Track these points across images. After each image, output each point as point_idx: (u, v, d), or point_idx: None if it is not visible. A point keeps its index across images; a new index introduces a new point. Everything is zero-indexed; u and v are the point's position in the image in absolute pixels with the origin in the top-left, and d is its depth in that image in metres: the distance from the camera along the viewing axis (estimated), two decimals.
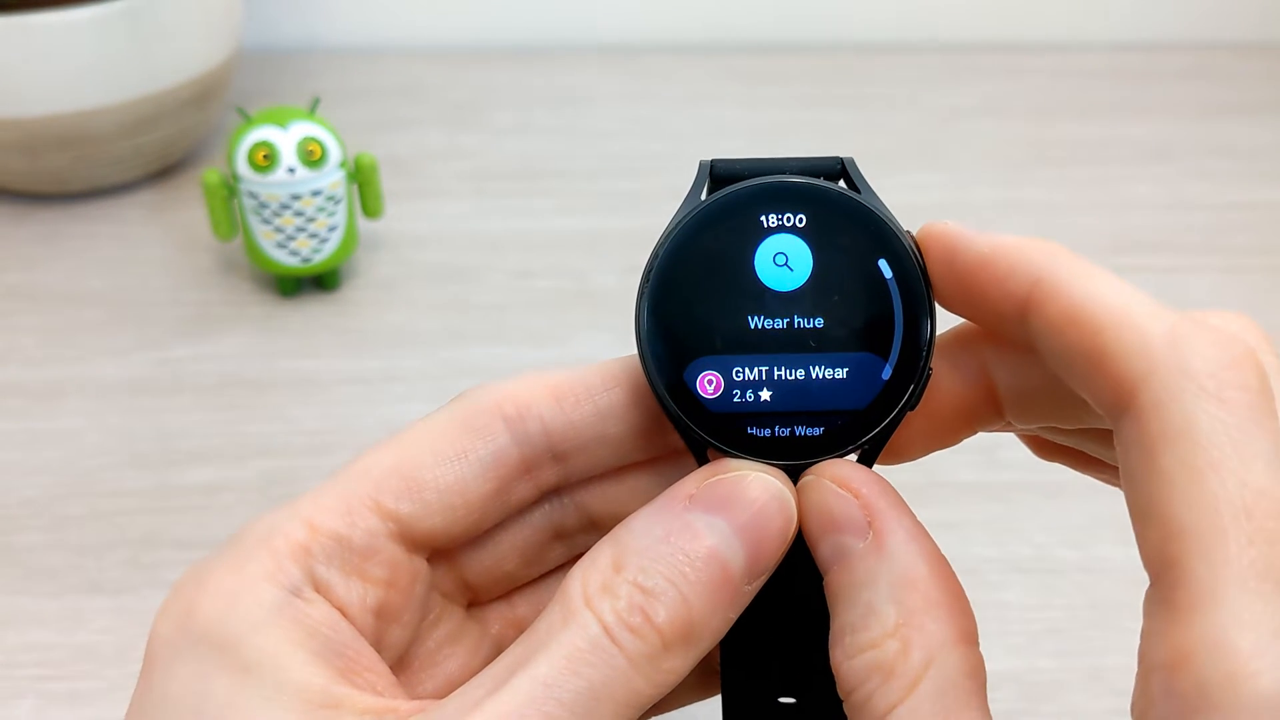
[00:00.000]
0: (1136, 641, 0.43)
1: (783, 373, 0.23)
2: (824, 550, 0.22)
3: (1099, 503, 0.46)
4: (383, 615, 0.24)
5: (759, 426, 0.23)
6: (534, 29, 0.85)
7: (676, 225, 0.24)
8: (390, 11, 0.85)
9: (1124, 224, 0.64)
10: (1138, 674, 0.19)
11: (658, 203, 0.65)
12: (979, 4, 0.86)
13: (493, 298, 0.58)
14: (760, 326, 0.23)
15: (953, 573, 0.21)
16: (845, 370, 0.23)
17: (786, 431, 0.23)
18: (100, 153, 0.63)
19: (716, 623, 0.21)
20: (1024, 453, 0.49)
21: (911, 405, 0.23)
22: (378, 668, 0.22)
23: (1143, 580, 0.47)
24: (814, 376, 0.23)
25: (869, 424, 0.23)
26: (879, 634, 0.20)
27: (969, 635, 0.21)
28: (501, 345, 0.55)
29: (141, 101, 0.62)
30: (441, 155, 0.71)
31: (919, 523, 0.22)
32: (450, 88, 0.79)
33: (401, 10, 0.85)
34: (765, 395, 0.23)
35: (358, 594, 0.23)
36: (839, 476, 0.22)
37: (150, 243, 0.62)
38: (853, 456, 0.24)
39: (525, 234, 0.63)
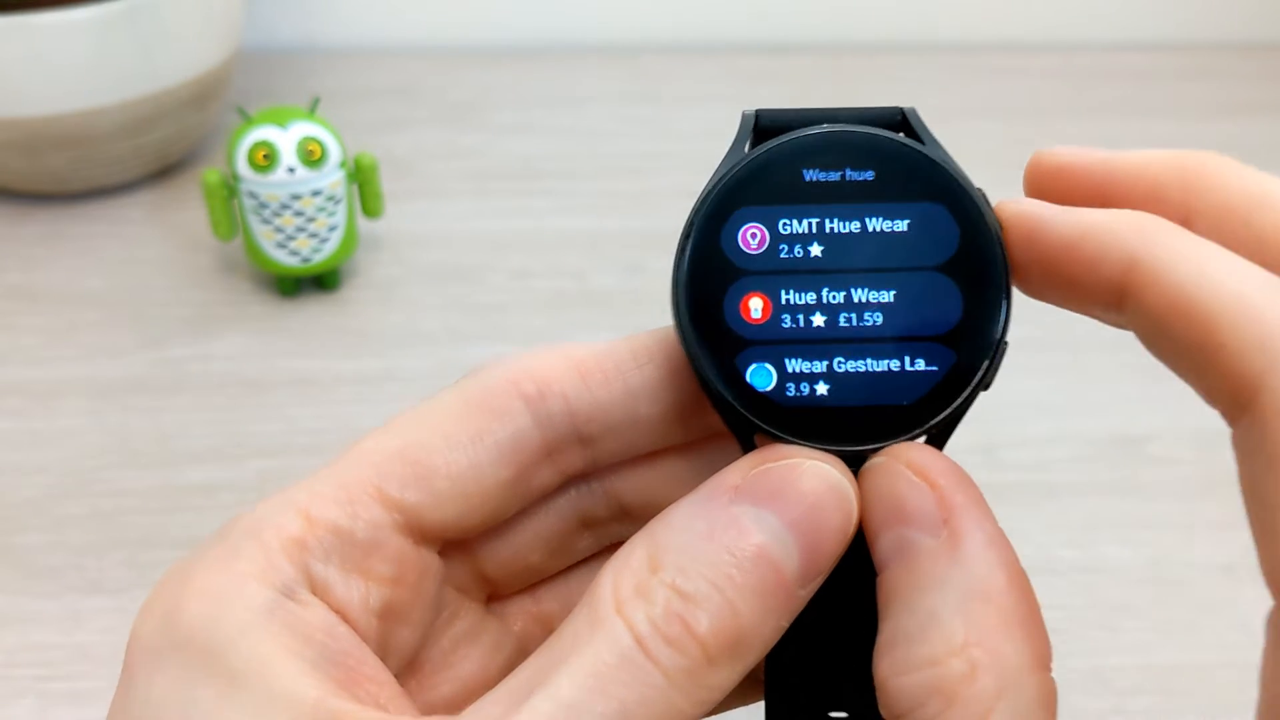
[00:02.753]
0: (1136, 641, 0.43)
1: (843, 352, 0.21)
2: (885, 543, 0.19)
3: (1099, 502, 0.47)
4: (388, 616, 0.21)
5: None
6: (534, 29, 0.85)
7: (717, 183, 0.21)
8: (390, 11, 0.85)
9: None
10: (1260, 698, 0.17)
11: (658, 202, 0.65)
12: (979, 4, 0.86)
13: (493, 298, 0.58)
14: None
15: (1031, 588, 0.19)
16: (911, 353, 0.21)
17: (843, 416, 0.21)
18: (100, 153, 0.63)
19: (767, 631, 0.19)
20: (1024, 452, 0.49)
21: (985, 385, 0.21)
22: (380, 676, 0.20)
23: (1141, 580, 0.47)
24: (879, 362, 0.21)
25: (937, 407, 0.21)
26: (942, 650, 0.18)
27: (1045, 660, 0.19)
28: (501, 345, 0.55)
29: (141, 101, 0.62)
30: (441, 155, 0.71)
31: (999, 527, 0.19)
32: (450, 88, 0.79)
33: (401, 10, 0.85)
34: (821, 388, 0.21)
35: (359, 593, 0.21)
36: (915, 462, 0.20)
37: (150, 243, 0.62)
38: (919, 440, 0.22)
39: (525, 234, 0.63)
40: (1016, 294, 0.21)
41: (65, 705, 0.38)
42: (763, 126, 0.22)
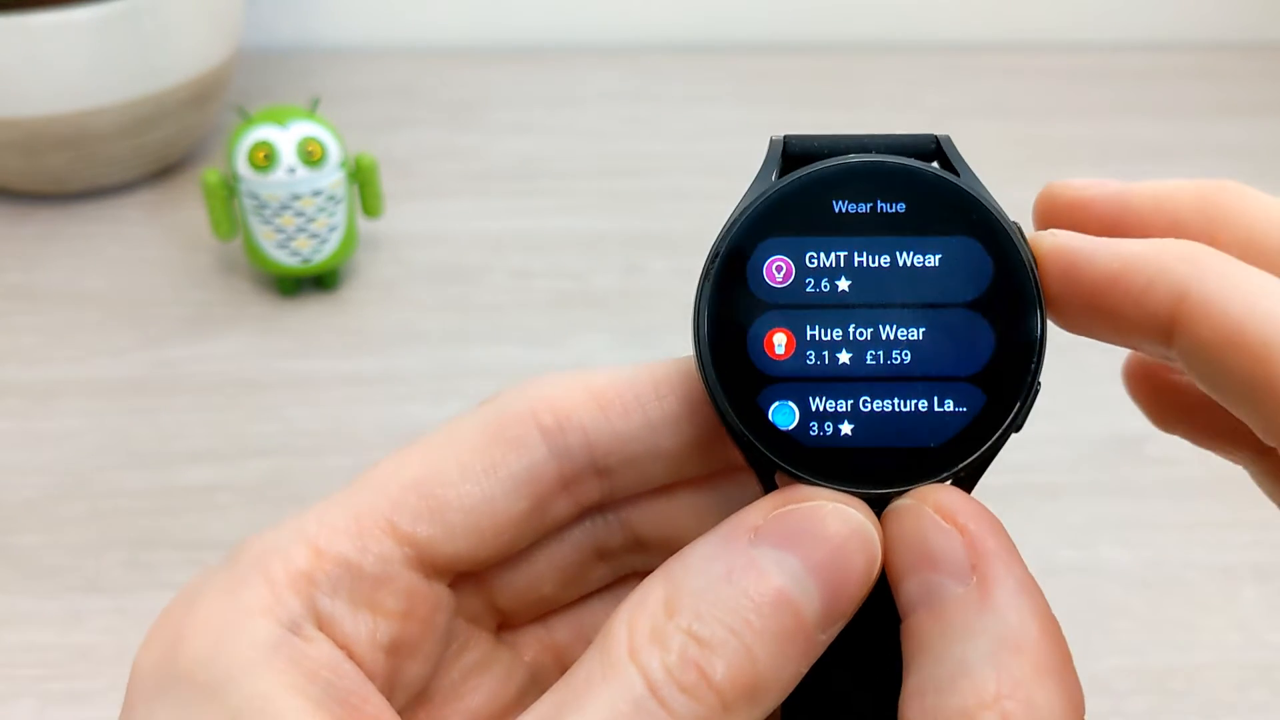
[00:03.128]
0: (1134, 642, 0.44)
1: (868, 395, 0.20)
2: (910, 589, 0.19)
3: (1098, 504, 0.47)
4: (397, 651, 0.21)
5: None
6: (534, 29, 0.85)
7: (743, 212, 0.20)
8: (390, 11, 0.85)
9: None
10: None
11: (658, 203, 0.65)
12: (979, 4, 0.86)
13: (493, 298, 0.58)
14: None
15: (1063, 636, 0.19)
16: (940, 393, 0.20)
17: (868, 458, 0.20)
18: (100, 153, 0.63)
19: (785, 677, 0.19)
20: (1023, 454, 0.49)
21: (1017, 427, 0.20)
22: (384, 716, 0.20)
23: (1140, 581, 0.47)
24: (906, 402, 0.20)
25: (965, 450, 0.20)
26: (973, 701, 0.17)
27: (1079, 710, 0.18)
28: (501, 345, 0.55)
29: (141, 101, 0.62)
30: (441, 155, 0.71)
31: (1030, 573, 0.19)
32: (450, 88, 0.79)
33: (401, 10, 0.85)
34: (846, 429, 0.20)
35: (367, 629, 0.20)
36: (943, 505, 0.19)
37: (150, 243, 0.62)
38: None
39: (525, 234, 0.63)
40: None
41: (64, 705, 0.38)
42: (791, 153, 0.21)
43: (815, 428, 0.20)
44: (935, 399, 0.20)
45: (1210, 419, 0.23)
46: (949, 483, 0.20)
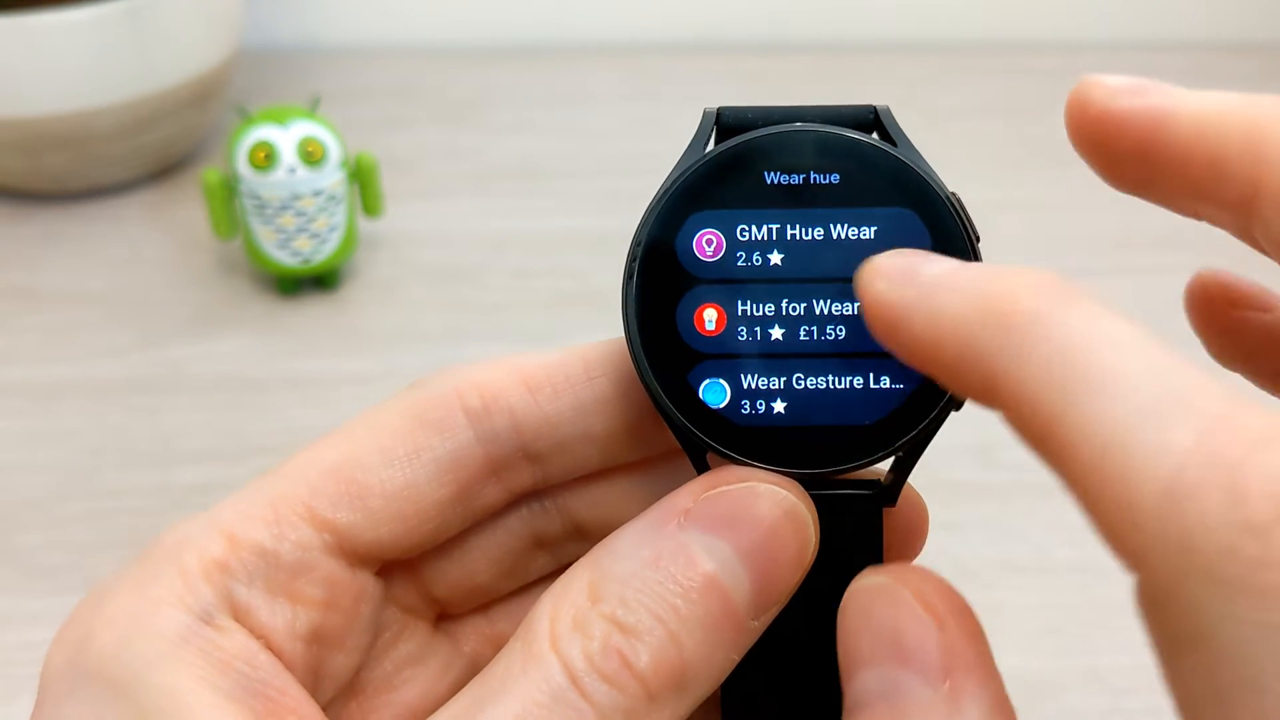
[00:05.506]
0: (1134, 640, 0.43)
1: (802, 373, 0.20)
2: (869, 680, 0.17)
3: None
4: (319, 641, 0.20)
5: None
6: (534, 29, 0.85)
7: (671, 185, 0.20)
8: (390, 11, 0.85)
9: (1124, 223, 0.64)
10: None
11: None
12: (979, 4, 0.86)
13: (493, 298, 0.58)
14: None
15: None
16: (876, 369, 0.20)
17: (802, 438, 0.20)
18: (100, 153, 0.63)
19: (715, 665, 0.18)
20: (1022, 452, 0.49)
21: (956, 405, 0.20)
22: (303, 708, 0.19)
23: None
24: (841, 379, 0.20)
25: (902, 428, 0.20)
26: None
27: None
28: (501, 345, 0.55)
29: (141, 101, 0.62)
30: (441, 155, 0.71)
31: (1005, 692, 0.17)
32: (450, 87, 0.79)
33: (401, 10, 0.85)
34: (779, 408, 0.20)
35: (285, 619, 0.20)
36: (924, 593, 0.18)
37: (150, 243, 0.62)
38: (885, 463, 0.20)
39: (525, 234, 0.63)
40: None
41: None
42: (725, 125, 0.20)
43: (747, 406, 0.20)
44: (870, 376, 0.20)
45: (1272, 361, 0.22)
46: (888, 463, 0.20)
